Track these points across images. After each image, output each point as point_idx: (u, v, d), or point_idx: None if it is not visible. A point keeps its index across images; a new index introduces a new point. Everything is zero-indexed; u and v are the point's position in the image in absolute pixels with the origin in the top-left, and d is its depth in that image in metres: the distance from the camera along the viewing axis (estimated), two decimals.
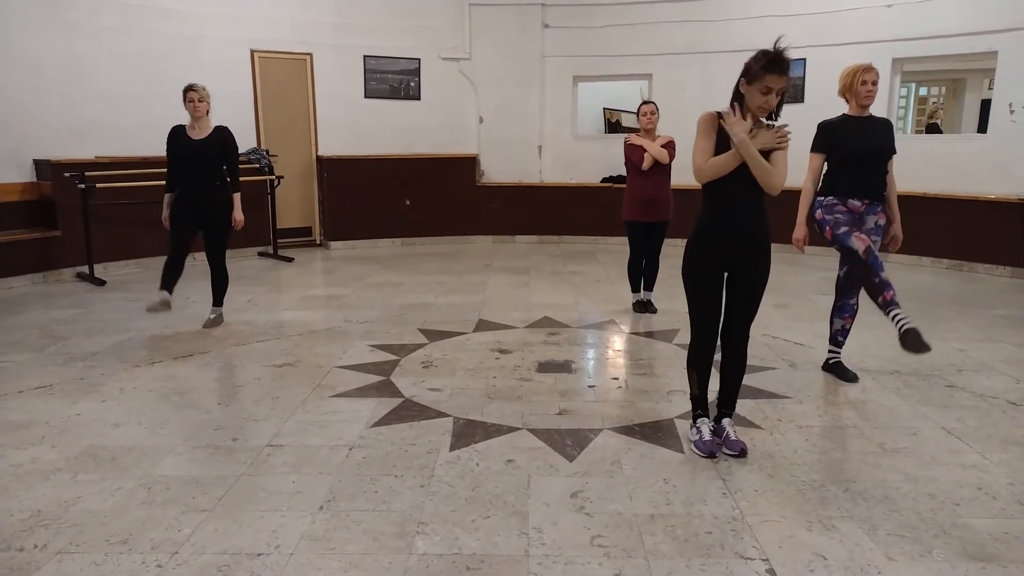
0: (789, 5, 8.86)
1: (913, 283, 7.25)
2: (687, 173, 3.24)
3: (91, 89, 7.67)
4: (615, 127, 11.71)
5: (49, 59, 7.36)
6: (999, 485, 3.04)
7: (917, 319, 5.66)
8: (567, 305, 6.30)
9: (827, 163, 4.20)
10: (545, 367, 4.59)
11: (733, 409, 3.44)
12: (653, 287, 6.08)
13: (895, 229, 4.28)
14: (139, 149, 7.65)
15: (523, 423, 3.67)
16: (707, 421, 3.39)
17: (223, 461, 3.24)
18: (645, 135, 5.80)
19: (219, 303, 5.58)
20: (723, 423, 3.39)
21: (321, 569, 2.44)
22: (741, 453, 3.26)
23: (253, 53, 8.93)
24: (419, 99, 9.95)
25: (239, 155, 5.53)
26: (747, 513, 2.80)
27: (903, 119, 13.18)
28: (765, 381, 4.30)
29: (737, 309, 3.28)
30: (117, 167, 7.52)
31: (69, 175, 7.02)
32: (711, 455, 3.26)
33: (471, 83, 10.07)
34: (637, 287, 6.10)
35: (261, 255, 8.90)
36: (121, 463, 3.22)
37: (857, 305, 4.40)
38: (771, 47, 3.00)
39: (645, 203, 5.77)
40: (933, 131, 11.78)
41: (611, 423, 3.68)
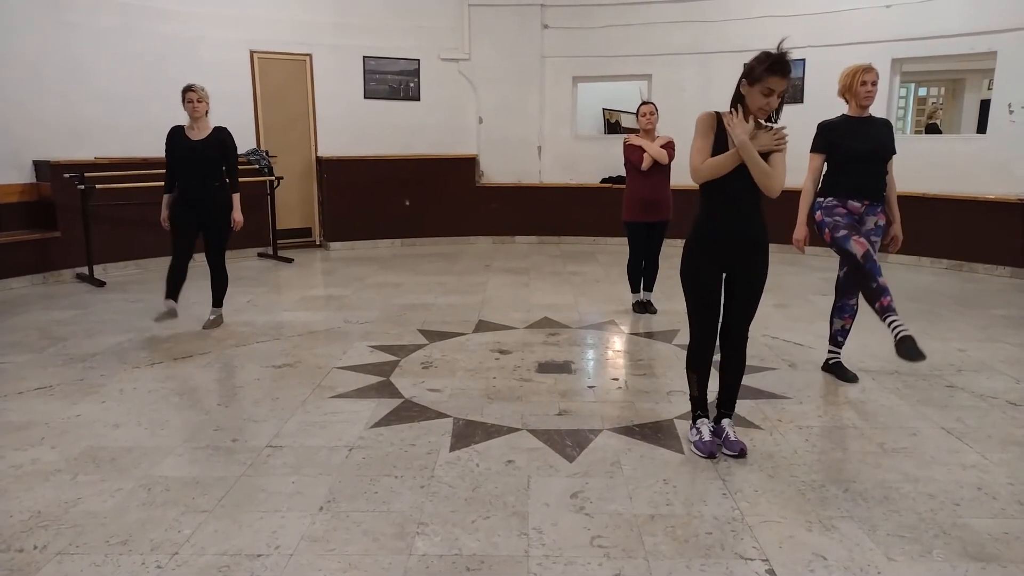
0: (789, 5, 8.86)
1: (913, 283, 7.26)
2: (686, 173, 3.24)
3: (90, 90, 7.67)
4: (615, 127, 11.72)
5: (48, 60, 7.36)
6: (999, 485, 3.04)
7: (917, 319, 5.74)
8: (567, 305, 6.30)
9: (827, 163, 4.20)
10: (545, 367, 4.59)
11: (733, 409, 3.44)
12: (653, 287, 6.09)
13: (895, 229, 4.28)
14: (139, 150, 7.66)
15: (523, 424, 3.67)
16: (707, 422, 3.39)
17: (223, 462, 3.25)
18: (644, 135, 5.80)
19: (219, 304, 5.58)
20: (723, 423, 3.39)
21: (321, 570, 2.44)
22: (741, 453, 3.26)
23: (252, 54, 8.93)
24: (419, 99, 9.95)
25: (238, 156, 5.53)
26: (747, 513, 2.80)
27: (902, 119, 13.19)
28: (765, 381, 4.31)
29: (736, 309, 3.28)
30: (116, 168, 7.52)
31: (68, 176, 7.02)
32: (711, 455, 3.26)
33: (471, 83, 10.07)
34: (637, 287, 6.10)
35: (261, 256, 8.90)
36: (121, 464, 3.22)
37: (857, 305, 4.40)
38: (773, 48, 3.00)
39: (645, 203, 5.77)
40: (932, 131, 11.79)
41: (611, 424, 3.68)
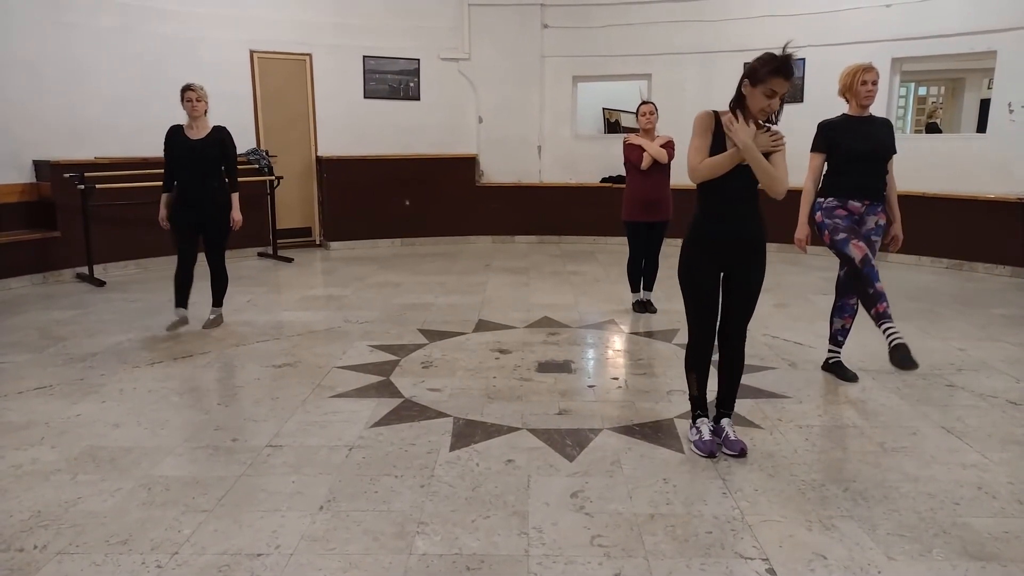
0: (789, 5, 8.85)
1: (913, 282, 7.26)
2: (686, 173, 3.23)
3: (90, 90, 7.67)
4: (614, 127, 11.72)
5: (48, 60, 7.36)
6: (999, 484, 3.04)
7: (917, 318, 5.75)
8: (567, 305, 6.30)
9: (827, 163, 4.20)
10: (545, 367, 4.59)
11: (732, 409, 3.44)
12: (653, 287, 6.09)
13: (895, 229, 4.27)
14: (138, 150, 7.66)
15: (523, 423, 3.67)
16: (707, 421, 3.39)
17: (223, 462, 3.25)
18: (644, 135, 5.80)
19: (219, 304, 5.58)
20: (722, 423, 3.38)
21: (321, 569, 2.44)
22: (741, 453, 3.26)
23: (252, 54, 8.93)
24: (419, 99, 9.95)
25: (238, 155, 5.53)
26: (747, 513, 2.80)
27: (902, 119, 13.19)
28: (765, 381, 4.31)
29: (734, 309, 3.28)
30: (116, 168, 7.52)
31: (68, 176, 7.02)
32: (711, 455, 3.26)
33: (470, 83, 10.07)
34: (637, 287, 6.10)
35: (261, 255, 8.90)
36: (121, 464, 3.22)
37: (857, 305, 4.39)
38: (776, 49, 3.00)
39: (644, 203, 5.77)
40: (932, 131, 11.79)
41: (611, 423, 3.68)
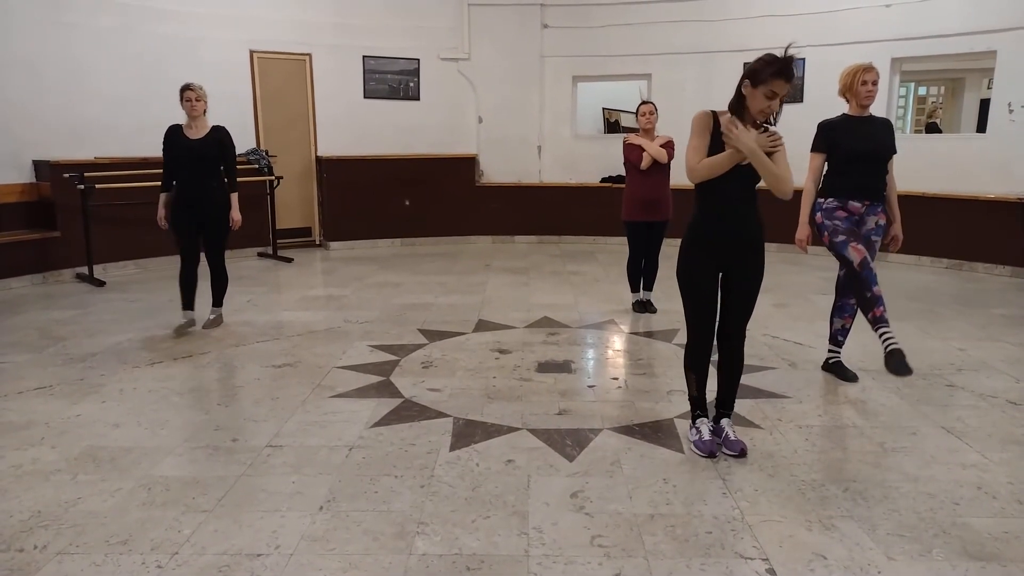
0: (789, 5, 8.84)
1: (913, 282, 7.26)
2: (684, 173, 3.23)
3: (90, 90, 7.67)
4: (614, 127, 11.72)
5: (48, 60, 7.36)
6: (999, 484, 3.04)
7: (917, 318, 5.74)
8: (567, 305, 6.30)
9: (827, 163, 4.20)
10: (545, 367, 4.59)
11: (732, 409, 3.44)
12: (652, 287, 6.09)
13: (895, 229, 4.27)
14: (138, 150, 7.66)
15: (523, 423, 3.67)
16: (706, 421, 3.39)
17: (223, 462, 3.25)
18: (644, 135, 5.81)
19: (219, 303, 5.58)
20: (722, 423, 3.38)
21: (321, 569, 2.44)
22: (741, 453, 3.26)
23: (252, 54, 8.93)
24: (418, 99, 9.95)
25: (238, 155, 5.52)
26: (747, 513, 2.80)
27: (902, 119, 13.19)
28: (765, 381, 4.31)
29: (733, 309, 3.28)
30: (116, 168, 7.52)
31: (68, 176, 7.02)
32: (711, 455, 3.26)
33: (470, 83, 10.07)
34: (636, 287, 6.10)
35: (260, 256, 8.90)
36: (121, 464, 3.22)
37: (857, 305, 4.40)
38: (778, 51, 3.00)
39: (644, 203, 5.77)
40: (932, 131, 11.79)
41: (611, 423, 3.68)
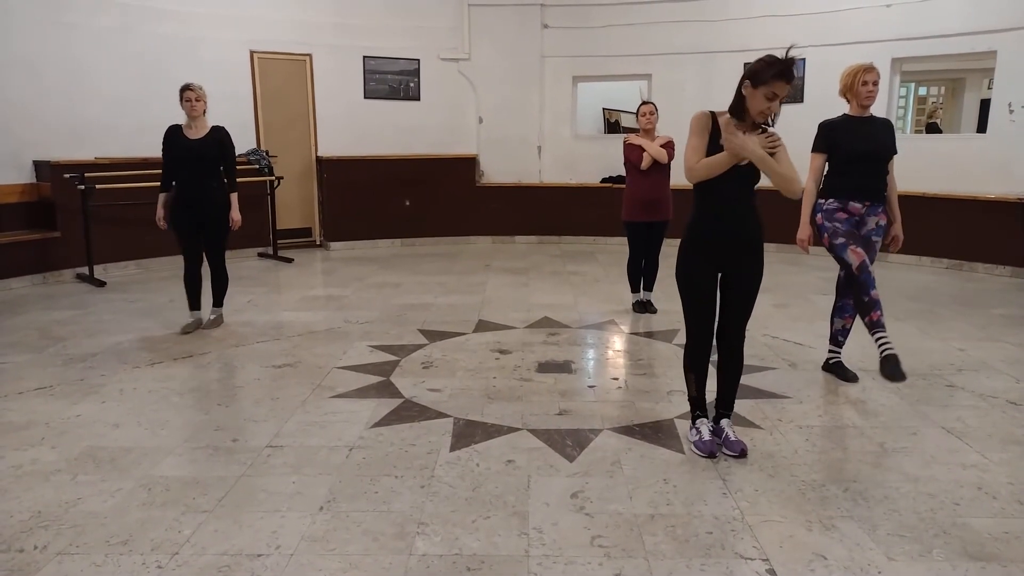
0: (789, 5, 8.84)
1: (913, 283, 7.26)
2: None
3: (90, 90, 7.67)
4: (614, 127, 11.72)
5: (48, 60, 7.36)
6: (999, 485, 3.04)
7: (917, 319, 5.75)
8: (567, 305, 6.30)
9: (828, 164, 4.20)
10: (545, 367, 4.59)
11: (731, 410, 3.44)
12: (653, 287, 6.09)
13: (896, 229, 4.27)
14: (138, 150, 7.65)
15: (523, 423, 3.67)
16: (706, 421, 3.39)
17: (223, 462, 3.25)
18: (644, 135, 5.81)
19: (219, 304, 5.58)
20: (721, 424, 3.38)
21: (321, 570, 2.44)
22: (741, 454, 3.26)
23: (252, 54, 8.93)
24: (418, 99, 9.95)
25: (238, 155, 5.52)
26: (747, 513, 2.80)
27: (902, 119, 13.19)
28: (765, 381, 4.31)
29: (732, 309, 3.28)
30: (116, 168, 7.52)
31: (69, 176, 7.02)
32: (711, 455, 3.26)
33: (470, 83, 10.07)
34: (637, 287, 6.10)
35: (261, 256, 8.90)
36: (121, 464, 3.22)
37: None
38: (779, 51, 3.00)
39: (644, 203, 5.77)
40: (932, 131, 11.79)
41: (611, 423, 3.68)
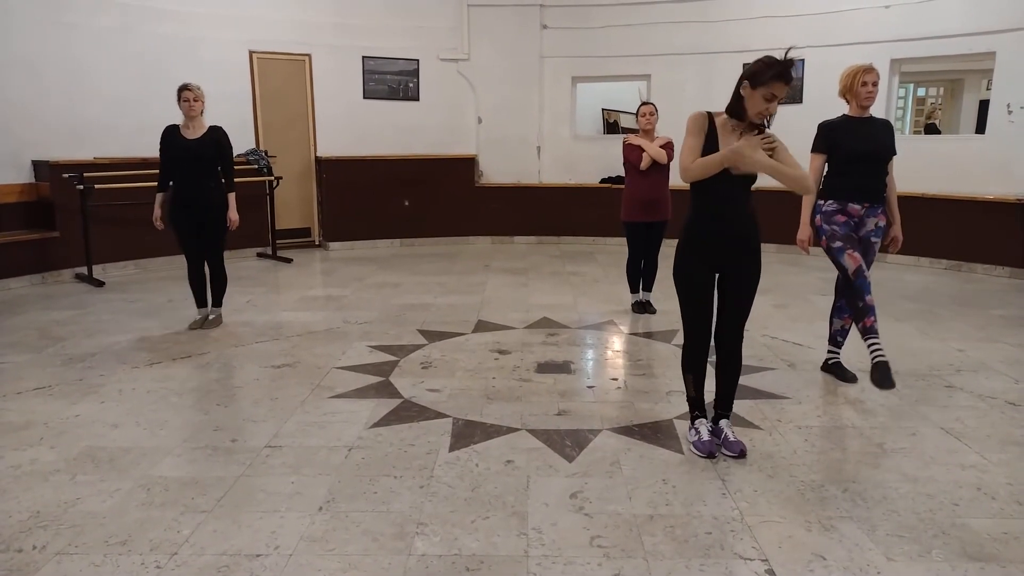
0: (789, 5, 8.84)
1: (912, 283, 7.26)
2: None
3: (90, 90, 7.66)
4: (614, 128, 11.72)
5: (48, 60, 7.36)
6: (998, 485, 3.04)
7: (916, 319, 5.75)
8: (566, 306, 6.30)
9: (828, 164, 4.20)
10: (544, 368, 4.59)
11: (730, 410, 3.44)
12: (652, 287, 6.08)
13: (895, 230, 4.28)
14: (138, 150, 7.65)
15: (522, 424, 3.67)
16: (705, 422, 3.39)
17: (222, 462, 3.24)
18: (644, 136, 5.81)
19: (218, 304, 5.58)
20: (720, 424, 3.38)
21: (321, 570, 2.44)
22: (740, 454, 3.26)
23: (252, 54, 8.93)
24: (418, 100, 9.95)
25: (237, 156, 5.52)
26: (746, 513, 2.80)
27: (901, 119, 13.20)
28: (764, 381, 4.31)
29: (730, 310, 3.28)
30: (116, 168, 7.52)
31: (68, 176, 7.02)
32: (710, 455, 3.26)
33: (470, 84, 10.07)
34: (636, 287, 6.10)
35: (260, 256, 8.89)
36: (120, 464, 3.22)
37: None
38: (778, 52, 3.01)
39: (643, 203, 5.77)
40: (931, 131, 11.80)
41: (610, 424, 3.68)
